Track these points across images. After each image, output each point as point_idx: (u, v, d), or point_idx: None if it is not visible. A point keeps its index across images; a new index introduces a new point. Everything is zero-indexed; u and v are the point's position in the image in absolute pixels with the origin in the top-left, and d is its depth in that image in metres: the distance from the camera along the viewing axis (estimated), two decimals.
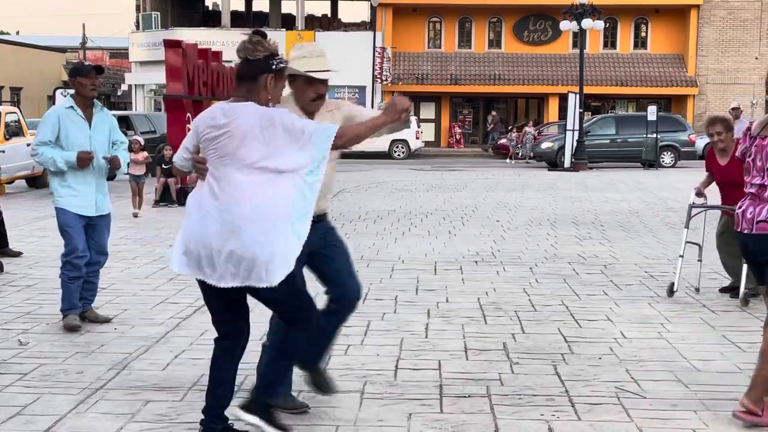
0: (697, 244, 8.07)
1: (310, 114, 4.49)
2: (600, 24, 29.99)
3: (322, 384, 4.74)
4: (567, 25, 30.07)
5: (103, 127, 6.66)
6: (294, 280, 3.99)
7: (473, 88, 42.45)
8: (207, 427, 4.17)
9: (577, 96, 28.62)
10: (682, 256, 7.95)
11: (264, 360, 4.51)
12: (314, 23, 47.33)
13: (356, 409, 4.75)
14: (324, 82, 4.57)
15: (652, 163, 28.51)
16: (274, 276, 3.86)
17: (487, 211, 15.02)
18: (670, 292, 7.73)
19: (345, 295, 4.76)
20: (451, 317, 6.98)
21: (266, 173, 3.86)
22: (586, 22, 28.84)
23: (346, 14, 51.38)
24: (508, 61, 43.24)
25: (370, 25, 44.54)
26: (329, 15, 51.47)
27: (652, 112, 29.12)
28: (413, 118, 37.63)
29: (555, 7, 39.55)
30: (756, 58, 42.16)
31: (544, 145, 30.04)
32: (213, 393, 4.18)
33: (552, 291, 7.99)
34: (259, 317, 4.80)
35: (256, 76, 4.01)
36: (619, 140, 29.59)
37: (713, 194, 8.02)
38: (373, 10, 43.38)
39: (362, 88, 42.53)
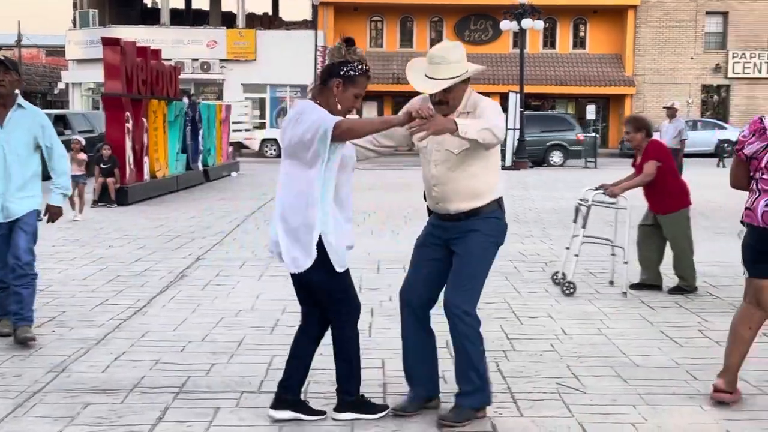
0: (616, 245, 8.25)
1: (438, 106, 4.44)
2: (540, 24, 30.30)
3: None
4: (507, 25, 30.32)
5: (20, 127, 6.08)
6: (325, 272, 4.26)
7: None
8: (277, 396, 4.56)
9: (518, 95, 28.89)
10: (573, 252, 8.06)
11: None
12: (255, 22, 47.10)
13: None
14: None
15: (542, 162, 28.70)
16: (298, 262, 4.24)
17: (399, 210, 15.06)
18: (566, 287, 7.79)
19: (444, 303, 4.56)
20: (394, 316, 6.96)
21: (296, 164, 4.25)
22: (526, 22, 29.12)
23: (287, 13, 51.26)
24: None
25: (311, 24, 44.43)
26: (270, 13, 51.20)
27: (591, 111, 29.54)
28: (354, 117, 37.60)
29: (495, 6, 39.90)
30: (691, 58, 42.98)
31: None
32: (287, 364, 4.60)
33: (494, 288, 8.05)
34: None
35: (327, 79, 4.32)
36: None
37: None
38: (315, 8, 43.30)
39: (304, 87, 42.32)
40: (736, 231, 6.03)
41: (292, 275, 4.38)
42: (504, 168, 27.75)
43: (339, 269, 4.31)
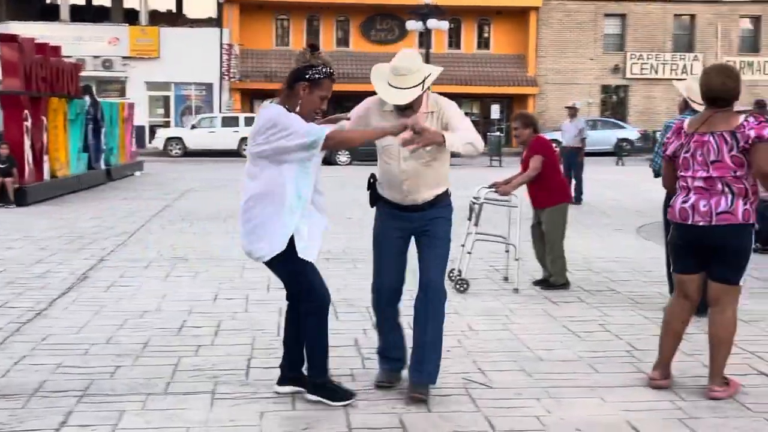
0: (509, 243, 8.42)
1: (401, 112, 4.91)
2: (445, 24, 30.67)
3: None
4: (413, 25, 30.59)
5: None
6: (279, 262, 4.58)
7: None
8: (281, 373, 4.96)
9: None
10: (467, 250, 8.20)
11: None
12: (159, 18, 46.28)
13: (207, 410, 4.69)
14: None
15: None
16: (262, 252, 4.57)
17: (338, 209, 15.08)
18: (459, 284, 7.92)
19: (423, 284, 5.00)
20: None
21: (267, 163, 4.47)
22: (432, 22, 29.41)
23: (191, 10, 50.42)
24: (357, 59, 43.52)
25: (216, 22, 43.92)
26: (174, 11, 50.42)
27: (495, 111, 29.97)
28: None
29: (401, 7, 40.15)
30: (591, 59, 44.02)
31: None
32: (283, 344, 5.02)
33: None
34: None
35: (293, 83, 4.56)
36: None
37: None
38: (220, 6, 42.83)
39: (209, 86, 41.95)
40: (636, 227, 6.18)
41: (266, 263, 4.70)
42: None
43: (309, 258, 4.62)
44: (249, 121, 36.21)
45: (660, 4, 44.28)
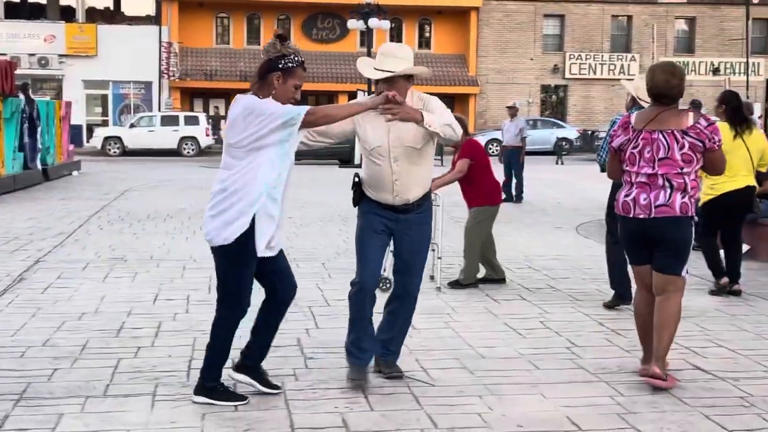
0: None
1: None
2: (386, 24, 30.71)
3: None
4: (354, 24, 30.60)
5: None
6: (225, 256, 4.65)
7: None
8: (239, 360, 4.97)
9: (366, 94, 29.16)
10: (391, 248, 8.22)
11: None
12: (96, 16, 45.59)
13: (148, 411, 4.63)
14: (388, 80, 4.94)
15: (348, 160, 29.17)
16: (211, 235, 4.67)
17: None
18: (382, 283, 7.91)
19: (404, 286, 5.32)
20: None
21: (242, 153, 4.49)
22: (373, 22, 29.44)
23: (129, 7, 49.74)
24: None
25: (155, 20, 43.42)
26: (112, 8, 49.69)
27: None
28: (202, 115, 37.10)
29: (342, 6, 40.13)
30: (531, 59, 44.49)
31: None
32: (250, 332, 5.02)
33: (345, 286, 8.07)
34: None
35: (265, 74, 4.59)
36: None
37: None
38: (158, 4, 42.36)
39: (148, 84, 41.47)
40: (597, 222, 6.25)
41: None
42: (354, 166, 27.95)
43: (259, 253, 4.64)
44: (189, 120, 35.92)
45: (597, 5, 44.90)
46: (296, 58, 4.62)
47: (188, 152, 35.07)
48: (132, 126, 35.82)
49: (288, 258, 9.96)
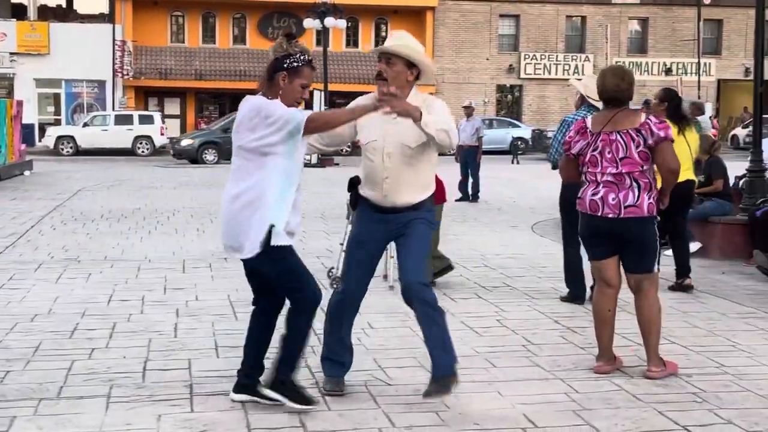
0: None
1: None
2: (342, 23, 30.70)
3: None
4: (310, 23, 30.52)
5: None
6: (277, 255, 4.47)
7: (219, 83, 42.07)
8: (237, 380, 4.80)
9: (322, 93, 29.11)
10: (343, 248, 8.22)
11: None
12: (48, 13, 44.96)
13: (102, 413, 4.59)
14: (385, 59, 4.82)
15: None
16: (244, 250, 4.48)
17: None
18: (334, 282, 7.88)
19: (403, 289, 4.85)
20: (201, 315, 6.91)
21: (253, 157, 4.44)
22: (329, 21, 29.40)
23: (82, 5, 49.09)
24: (254, 57, 43.17)
25: (108, 17, 42.93)
26: (64, 6, 49.03)
27: None
28: (157, 114, 36.78)
29: (298, 5, 39.99)
30: (487, 59, 44.74)
31: (185, 142, 29.88)
32: (243, 348, 4.85)
33: None
34: None
35: (272, 74, 4.53)
36: None
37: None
38: (112, 2, 41.91)
39: (102, 83, 41.00)
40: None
41: (243, 262, 4.64)
42: (309, 165, 27.89)
43: (284, 243, 4.49)
44: (143, 119, 35.59)
45: (552, 5, 45.28)
46: (302, 57, 4.52)
47: (143, 152, 34.73)
48: (85, 125, 35.40)
49: None
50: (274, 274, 4.59)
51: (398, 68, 4.75)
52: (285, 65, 4.52)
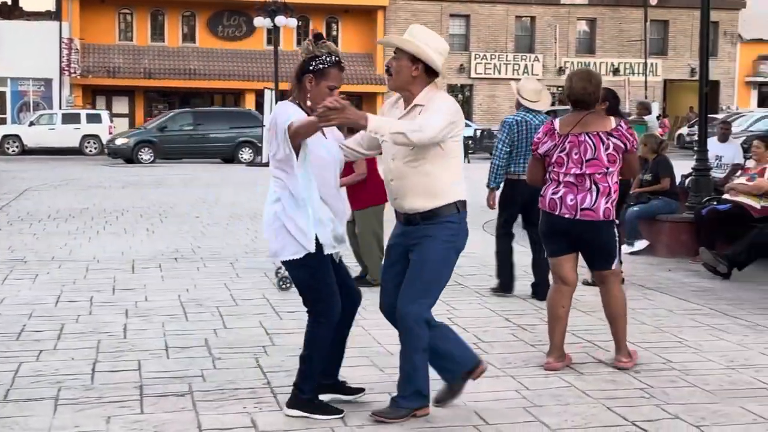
0: None
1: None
2: (293, 22, 30.58)
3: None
4: (261, 22, 30.39)
5: None
6: (303, 268, 4.37)
7: (168, 82, 41.68)
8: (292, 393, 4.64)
9: (273, 92, 28.97)
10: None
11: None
12: None
13: (50, 416, 4.53)
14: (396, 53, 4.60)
15: (232, 159, 28.99)
16: (276, 257, 4.47)
17: (186, 208, 14.85)
18: (282, 282, 7.84)
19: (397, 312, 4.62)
20: (150, 316, 6.84)
21: (273, 163, 4.38)
22: (280, 20, 29.28)
23: (28, 2, 48.29)
24: (203, 55, 42.90)
25: (55, 15, 42.31)
26: (10, 3, 48.18)
27: None
28: (105, 113, 36.31)
29: (248, 3, 39.79)
30: None
31: (119, 141, 29.57)
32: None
33: (253, 285, 8.06)
34: None
35: (300, 77, 4.43)
36: (198, 136, 29.50)
37: None
38: None
39: (49, 81, 40.38)
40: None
41: None
42: (262, 165, 27.75)
43: (326, 251, 4.41)
44: (91, 118, 35.12)
45: (502, 5, 45.59)
46: (328, 59, 4.41)
47: (90, 151, 34.25)
48: (31, 124, 34.83)
49: (195, 258, 9.91)
50: (296, 281, 4.54)
51: (402, 62, 4.51)
52: (311, 67, 4.41)
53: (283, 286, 7.81)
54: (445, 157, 4.43)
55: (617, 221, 5.71)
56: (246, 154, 29.52)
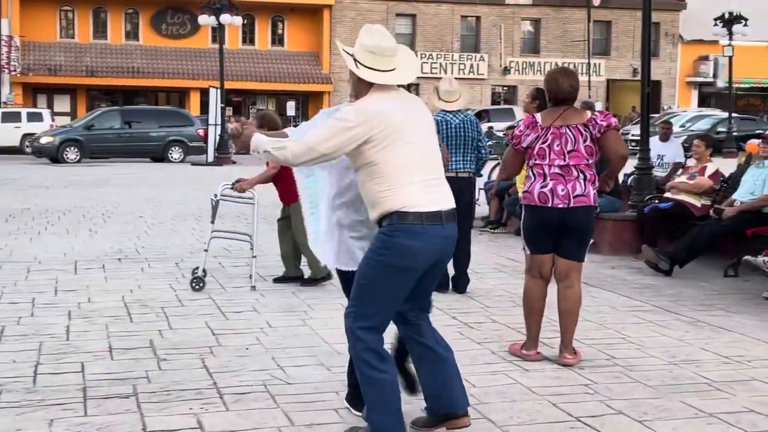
0: (247, 234, 8.39)
1: None
2: (238, 20, 30.36)
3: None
4: (206, 20, 30.13)
5: None
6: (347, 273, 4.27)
7: (111, 80, 41.18)
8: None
9: (218, 91, 28.75)
10: (204, 248, 8.14)
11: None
12: None
13: None
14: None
15: (161, 158, 28.71)
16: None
17: (131, 207, 14.67)
18: (195, 282, 7.79)
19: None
20: (94, 317, 6.75)
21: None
22: (225, 18, 29.07)
23: None
24: (147, 54, 42.43)
25: None
26: None
27: (291, 107, 29.95)
28: (46, 111, 35.72)
29: (193, 0, 39.45)
30: None
31: (44, 140, 29.13)
32: None
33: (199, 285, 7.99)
34: None
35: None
36: (126, 135, 29.07)
37: None
38: None
39: None
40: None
41: None
42: (206, 164, 27.53)
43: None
44: (32, 117, 34.49)
45: (448, 5, 45.81)
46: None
47: (30, 150, 33.62)
48: None
49: (139, 258, 9.78)
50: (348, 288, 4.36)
51: (352, 81, 4.20)
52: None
53: (196, 286, 7.75)
54: (370, 165, 3.94)
55: None
56: (176, 153, 29.01)
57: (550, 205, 5.51)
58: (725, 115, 34.70)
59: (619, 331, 6.51)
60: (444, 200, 4.07)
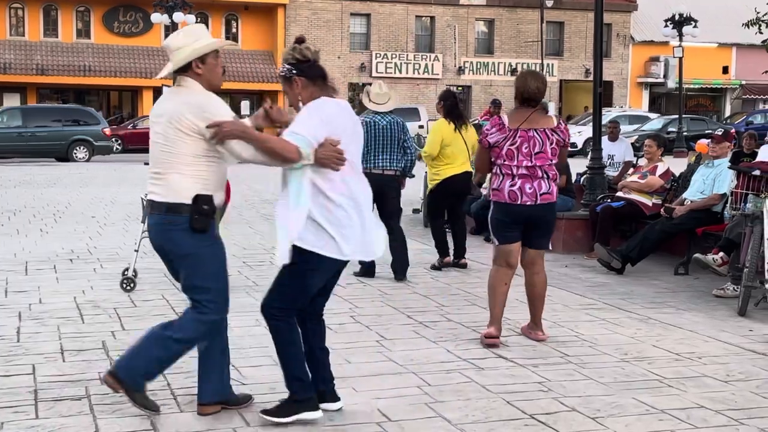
0: None
1: None
2: (191, 18, 30.12)
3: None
4: (158, 18, 29.88)
5: None
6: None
7: (62, 79, 40.58)
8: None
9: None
10: (135, 248, 8.08)
11: None
12: None
13: None
14: None
15: (65, 158, 28.10)
16: None
17: (82, 207, 14.49)
18: (126, 283, 7.72)
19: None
20: (45, 319, 6.66)
21: None
22: (178, 16, 28.86)
23: None
24: (99, 52, 41.90)
25: None
26: None
27: (245, 106, 29.82)
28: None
29: None
30: (339, 57, 44.88)
31: None
32: None
33: (152, 286, 7.92)
34: None
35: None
36: (27, 134, 28.27)
37: None
38: None
39: None
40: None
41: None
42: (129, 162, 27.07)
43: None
44: None
45: (402, 5, 45.86)
46: (287, 67, 4.63)
47: None
48: None
49: (91, 258, 9.67)
50: None
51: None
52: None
53: (126, 287, 7.68)
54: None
55: None
56: (81, 152, 28.30)
57: (519, 202, 6.00)
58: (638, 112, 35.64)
59: (572, 329, 6.58)
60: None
